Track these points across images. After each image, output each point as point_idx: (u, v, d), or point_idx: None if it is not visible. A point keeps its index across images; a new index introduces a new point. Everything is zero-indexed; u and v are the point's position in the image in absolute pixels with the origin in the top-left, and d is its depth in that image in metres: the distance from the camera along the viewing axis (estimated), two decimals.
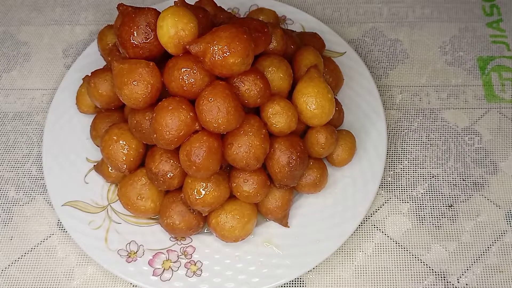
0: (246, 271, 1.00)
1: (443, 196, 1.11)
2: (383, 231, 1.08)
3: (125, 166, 1.02)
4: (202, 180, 0.97)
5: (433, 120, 1.21)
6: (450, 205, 1.10)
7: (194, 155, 0.92)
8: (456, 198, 1.11)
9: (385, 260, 1.05)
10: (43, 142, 1.14)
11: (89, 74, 1.09)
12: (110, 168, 1.06)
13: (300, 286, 1.03)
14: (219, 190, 0.98)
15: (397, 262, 1.05)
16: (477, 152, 1.16)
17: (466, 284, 1.02)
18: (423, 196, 1.11)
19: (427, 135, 1.19)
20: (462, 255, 1.05)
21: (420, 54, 1.31)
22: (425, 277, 1.03)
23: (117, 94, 0.97)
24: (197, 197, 0.97)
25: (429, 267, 1.04)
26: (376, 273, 1.04)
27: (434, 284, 1.02)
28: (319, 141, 1.03)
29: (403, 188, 1.12)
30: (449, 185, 1.12)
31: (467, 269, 1.04)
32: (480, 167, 1.15)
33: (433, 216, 1.09)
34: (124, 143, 1.02)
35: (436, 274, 1.03)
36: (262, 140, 0.96)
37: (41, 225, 1.10)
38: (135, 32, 0.95)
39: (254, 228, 1.04)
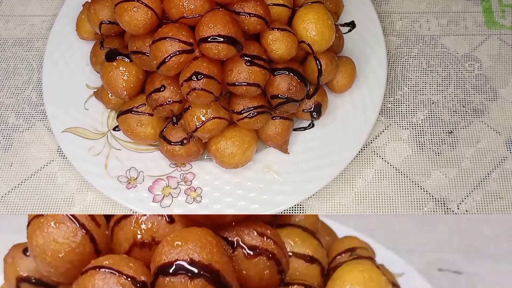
0: (246, 198, 1.01)
1: (443, 123, 1.11)
2: (383, 157, 1.08)
3: (125, 92, 1.01)
4: (202, 106, 0.97)
5: (433, 47, 1.20)
6: (450, 131, 1.10)
7: (194, 81, 0.92)
8: (456, 125, 1.11)
9: (385, 187, 1.05)
10: (43, 69, 1.13)
11: (89, 0, 1.08)
12: (110, 94, 1.06)
13: (300, 212, 1.04)
14: (219, 117, 0.98)
15: (397, 189, 1.05)
16: (477, 79, 1.16)
17: (466, 211, 1.03)
18: (423, 123, 1.11)
19: (427, 62, 1.18)
20: (462, 181, 1.06)
21: None
22: (425, 203, 1.04)
23: (117, 20, 0.96)
24: (197, 124, 0.97)
25: (429, 193, 1.05)
26: (376, 199, 1.04)
27: (434, 211, 1.03)
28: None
29: (403, 115, 1.12)
30: (449, 112, 1.12)
31: (467, 196, 1.04)
32: (480, 93, 1.14)
33: (433, 143, 1.09)
34: (124, 69, 1.01)
35: (436, 201, 1.04)
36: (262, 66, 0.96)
37: (41, 151, 1.10)
38: None
39: (254, 155, 1.04)
